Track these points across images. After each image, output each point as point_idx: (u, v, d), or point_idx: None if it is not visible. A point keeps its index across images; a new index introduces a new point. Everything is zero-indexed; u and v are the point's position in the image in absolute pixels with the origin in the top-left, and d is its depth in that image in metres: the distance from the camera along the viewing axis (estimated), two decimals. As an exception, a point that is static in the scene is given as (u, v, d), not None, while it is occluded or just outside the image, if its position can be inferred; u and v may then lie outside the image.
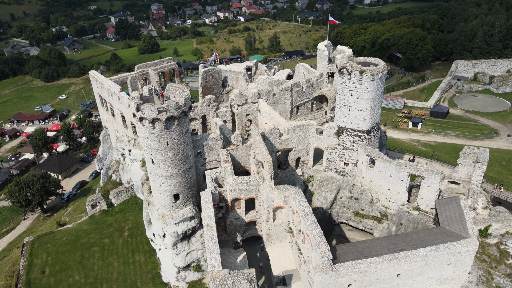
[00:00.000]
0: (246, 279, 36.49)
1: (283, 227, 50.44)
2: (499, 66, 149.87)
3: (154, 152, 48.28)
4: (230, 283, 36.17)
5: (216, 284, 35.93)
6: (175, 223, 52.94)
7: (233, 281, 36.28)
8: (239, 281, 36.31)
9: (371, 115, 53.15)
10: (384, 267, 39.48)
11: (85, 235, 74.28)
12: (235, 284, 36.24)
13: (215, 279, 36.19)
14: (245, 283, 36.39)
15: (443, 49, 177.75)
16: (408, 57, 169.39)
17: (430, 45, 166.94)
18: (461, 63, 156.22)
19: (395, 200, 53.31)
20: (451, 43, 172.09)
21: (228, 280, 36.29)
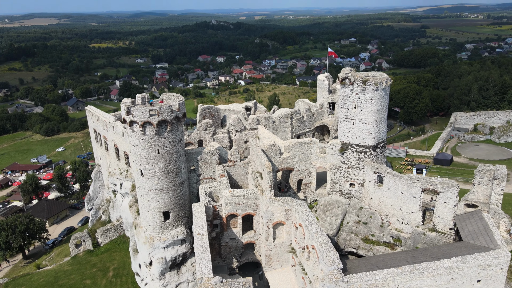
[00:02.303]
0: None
1: (284, 248, 44.64)
2: (498, 117, 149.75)
3: (144, 162, 44.35)
4: (222, 293, 30.25)
5: (205, 294, 30.01)
6: (163, 246, 47.22)
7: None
8: (233, 291, 30.40)
9: (376, 128, 50.04)
10: (403, 280, 33.53)
11: (65, 276, 67.15)
12: (228, 295, 30.30)
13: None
14: (241, 293, 30.44)
15: (440, 104, 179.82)
16: (406, 111, 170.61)
17: (427, 99, 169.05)
18: (460, 115, 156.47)
19: (409, 221, 48.02)
20: (448, 98, 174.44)
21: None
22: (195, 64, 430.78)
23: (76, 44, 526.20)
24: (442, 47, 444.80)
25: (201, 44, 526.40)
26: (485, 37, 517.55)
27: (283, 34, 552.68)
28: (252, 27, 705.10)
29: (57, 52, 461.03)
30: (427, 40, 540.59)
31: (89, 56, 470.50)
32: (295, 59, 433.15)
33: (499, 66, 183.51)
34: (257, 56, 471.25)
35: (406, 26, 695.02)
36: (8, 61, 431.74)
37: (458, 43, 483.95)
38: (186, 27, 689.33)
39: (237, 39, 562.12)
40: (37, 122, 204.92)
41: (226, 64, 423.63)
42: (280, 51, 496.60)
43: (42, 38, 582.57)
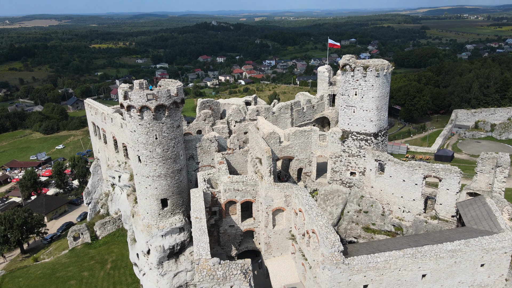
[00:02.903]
0: (240, 270, 29.86)
1: (284, 235, 43.93)
2: (499, 114, 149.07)
3: (141, 148, 43.68)
4: (220, 274, 29.50)
5: (203, 276, 29.26)
6: (161, 234, 46.49)
7: (224, 272, 29.63)
8: (231, 272, 29.66)
9: (377, 116, 49.40)
10: (406, 263, 32.82)
11: (63, 268, 66.57)
12: (226, 276, 29.55)
13: (201, 270, 29.57)
14: (239, 274, 29.70)
15: (440, 102, 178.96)
16: (407, 108, 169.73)
17: (428, 96, 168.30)
18: (460, 112, 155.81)
19: (410, 209, 47.31)
20: (448, 96, 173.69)
21: (218, 270, 29.67)
22: (195, 64, 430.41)
23: (77, 45, 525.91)
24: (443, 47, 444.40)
25: (201, 45, 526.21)
26: (485, 38, 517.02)
27: (283, 34, 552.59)
28: (252, 28, 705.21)
29: (57, 53, 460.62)
30: (427, 41, 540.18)
31: (89, 56, 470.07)
32: (295, 59, 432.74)
33: (500, 64, 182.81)
34: (257, 56, 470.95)
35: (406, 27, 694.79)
36: (8, 61, 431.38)
37: (458, 44, 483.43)
38: (187, 28, 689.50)
39: (237, 40, 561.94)
40: (37, 120, 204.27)
41: (226, 64, 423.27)
42: (280, 51, 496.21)
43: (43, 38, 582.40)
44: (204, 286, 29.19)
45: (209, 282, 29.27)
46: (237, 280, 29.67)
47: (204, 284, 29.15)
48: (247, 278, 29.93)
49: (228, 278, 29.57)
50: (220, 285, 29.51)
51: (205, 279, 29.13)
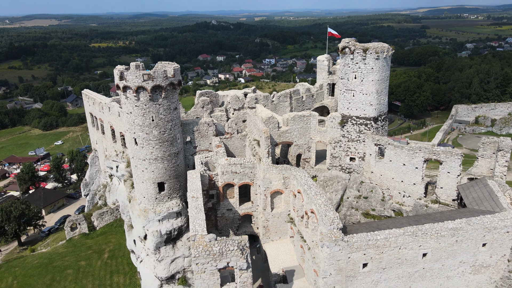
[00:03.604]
0: (237, 247, 29.21)
1: (282, 218, 43.28)
2: (500, 109, 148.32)
3: (138, 130, 43.04)
4: (217, 250, 28.86)
5: (198, 251, 28.62)
6: (158, 219, 45.80)
7: (221, 248, 28.99)
8: (228, 248, 29.02)
9: (377, 99, 48.79)
10: (406, 241, 32.17)
11: (60, 258, 66.00)
12: (223, 252, 28.90)
13: (197, 246, 28.92)
14: (236, 250, 29.06)
15: (441, 98, 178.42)
16: (407, 104, 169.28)
17: (428, 92, 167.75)
18: (461, 107, 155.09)
19: (411, 194, 46.69)
20: (449, 92, 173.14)
21: (214, 247, 29.02)
22: (195, 63, 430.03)
23: (76, 44, 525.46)
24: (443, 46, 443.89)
25: (201, 44, 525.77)
26: (485, 37, 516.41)
27: (283, 33, 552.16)
28: (252, 27, 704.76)
29: (57, 51, 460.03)
30: (427, 40, 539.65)
31: (89, 55, 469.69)
32: (295, 58, 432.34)
33: (500, 60, 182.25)
34: (257, 55, 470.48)
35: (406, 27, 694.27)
36: (8, 60, 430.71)
37: (459, 43, 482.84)
38: (186, 27, 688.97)
39: (237, 39, 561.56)
40: (36, 117, 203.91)
41: (226, 62, 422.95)
42: (280, 50, 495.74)
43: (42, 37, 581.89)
44: (200, 262, 28.56)
45: (205, 258, 28.64)
46: (234, 256, 29.07)
47: (200, 260, 28.52)
48: (244, 255, 29.31)
49: (225, 254, 28.95)
50: (217, 261, 28.90)
51: (201, 255, 28.50)
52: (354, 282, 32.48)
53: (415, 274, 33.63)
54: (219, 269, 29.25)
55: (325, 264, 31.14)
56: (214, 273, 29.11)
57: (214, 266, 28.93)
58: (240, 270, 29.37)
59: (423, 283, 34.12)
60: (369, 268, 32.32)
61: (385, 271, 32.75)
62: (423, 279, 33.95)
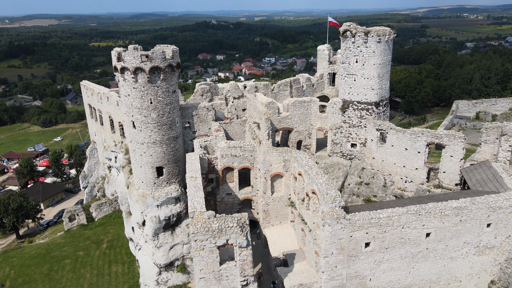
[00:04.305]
0: (237, 223, 28.55)
1: (283, 202, 42.66)
2: (501, 104, 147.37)
3: (136, 113, 42.41)
4: (216, 226, 28.20)
5: (197, 228, 27.95)
6: (157, 204, 45.15)
7: (220, 224, 28.33)
8: (227, 225, 28.36)
9: (379, 84, 48.15)
10: (409, 220, 31.51)
11: (58, 248, 65.38)
12: (222, 229, 28.24)
13: (196, 223, 28.26)
14: (235, 227, 28.40)
15: (441, 94, 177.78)
16: (407, 100, 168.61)
17: (429, 88, 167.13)
18: (461, 103, 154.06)
19: (413, 179, 46.03)
20: (449, 88, 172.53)
21: (213, 223, 28.36)
22: (195, 62, 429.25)
23: (76, 43, 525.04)
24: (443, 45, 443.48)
25: (201, 43, 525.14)
26: (485, 36, 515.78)
27: (283, 33, 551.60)
28: (252, 26, 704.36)
29: (57, 50, 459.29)
30: (427, 39, 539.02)
31: (89, 54, 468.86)
32: (295, 56, 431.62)
33: (501, 56, 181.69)
34: (257, 54, 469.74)
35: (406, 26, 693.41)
36: (7, 59, 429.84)
37: (459, 42, 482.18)
38: (186, 27, 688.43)
39: (237, 38, 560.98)
40: (35, 114, 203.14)
41: (226, 61, 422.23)
42: (280, 49, 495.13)
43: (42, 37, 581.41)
44: (198, 239, 27.92)
45: (204, 234, 27.99)
46: (233, 233, 28.43)
47: (198, 237, 27.87)
48: (243, 232, 28.66)
49: (224, 231, 28.31)
50: (216, 238, 28.26)
51: (200, 231, 27.85)
52: (356, 262, 31.85)
53: (418, 255, 32.99)
54: (218, 247, 28.65)
55: (327, 243, 30.47)
56: (213, 250, 28.49)
57: (213, 243, 28.30)
58: (239, 247, 28.75)
59: (426, 264, 33.46)
60: (372, 247, 31.70)
61: (388, 251, 32.12)
62: (426, 260, 33.29)
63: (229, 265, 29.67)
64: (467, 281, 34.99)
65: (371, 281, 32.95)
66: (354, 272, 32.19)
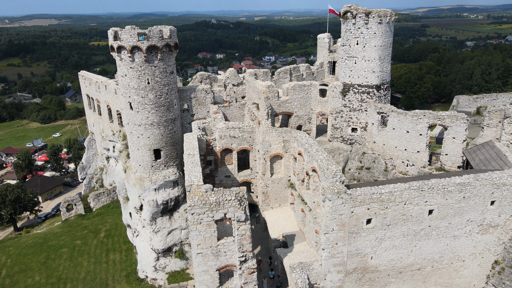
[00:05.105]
0: (235, 197, 27.85)
1: (282, 184, 42.01)
2: (501, 100, 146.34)
3: (133, 93, 41.75)
4: (213, 199, 27.50)
5: (194, 201, 27.25)
6: (154, 188, 44.57)
7: (217, 198, 27.63)
8: (225, 198, 27.66)
9: (380, 66, 47.51)
10: (411, 196, 30.83)
11: (55, 237, 64.79)
12: (220, 202, 27.54)
13: (193, 197, 27.56)
14: (233, 201, 27.71)
15: (441, 91, 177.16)
16: (408, 96, 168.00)
17: (429, 84, 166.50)
18: (462, 98, 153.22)
19: (414, 162, 45.34)
20: (450, 84, 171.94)
21: (210, 196, 27.66)
22: (195, 61, 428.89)
23: (76, 42, 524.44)
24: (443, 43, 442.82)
25: (200, 42, 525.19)
26: (486, 35, 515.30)
27: (283, 32, 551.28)
28: (252, 26, 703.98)
29: (56, 49, 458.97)
30: (427, 39, 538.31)
31: (89, 53, 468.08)
32: (295, 55, 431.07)
33: (501, 52, 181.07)
34: (257, 53, 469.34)
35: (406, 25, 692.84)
36: (7, 57, 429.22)
37: (459, 41, 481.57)
38: (186, 26, 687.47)
39: (237, 37, 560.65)
40: (34, 110, 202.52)
41: (225, 60, 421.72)
42: (280, 48, 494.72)
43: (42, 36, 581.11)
44: (195, 212, 27.21)
45: (201, 208, 27.29)
46: (231, 207, 27.73)
47: (195, 210, 27.16)
48: (242, 206, 27.97)
49: (222, 205, 27.61)
50: (213, 211, 27.55)
51: (197, 204, 27.15)
52: (357, 239, 31.18)
53: (420, 232, 32.32)
54: (215, 221, 27.92)
55: (327, 219, 29.79)
56: (210, 224, 27.80)
57: (210, 217, 27.62)
58: (238, 222, 28.08)
59: (429, 242, 32.80)
60: (373, 224, 31.03)
61: (390, 228, 31.45)
62: (429, 237, 32.63)
63: (227, 241, 29.00)
64: (470, 260, 34.31)
65: (372, 259, 32.29)
66: (355, 250, 31.56)
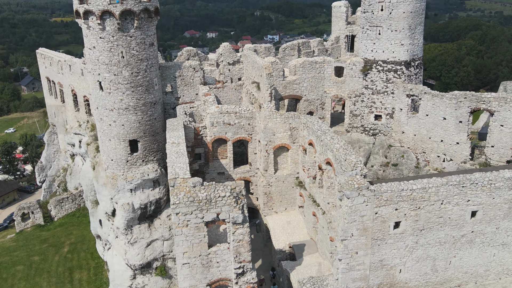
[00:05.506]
0: (230, 193, 27.51)
1: (289, 183, 41.98)
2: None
3: (103, 70, 41.45)
4: (203, 196, 27.14)
5: (179, 198, 26.89)
6: (130, 188, 44.31)
7: (208, 194, 27.25)
8: (217, 194, 27.32)
9: (410, 38, 47.29)
10: (450, 193, 30.56)
11: (7, 253, 64.81)
12: (211, 200, 27.19)
13: (178, 193, 27.19)
14: (228, 198, 27.37)
15: (484, 76, 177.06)
16: (443, 82, 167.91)
17: (470, 67, 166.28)
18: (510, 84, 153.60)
19: (453, 157, 45.03)
20: (495, 67, 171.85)
21: (200, 193, 27.31)
22: (181, 41, 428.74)
23: (34, 18, 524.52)
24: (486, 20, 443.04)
25: (188, 18, 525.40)
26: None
27: (289, 5, 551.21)
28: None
29: (10, 26, 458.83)
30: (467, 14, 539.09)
31: (50, 31, 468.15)
32: (304, 34, 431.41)
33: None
34: (257, 31, 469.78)
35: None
36: None
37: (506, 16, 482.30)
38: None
39: (232, 12, 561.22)
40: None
41: (218, 39, 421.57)
42: (285, 25, 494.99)
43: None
44: (181, 212, 26.87)
45: (188, 206, 26.96)
46: (226, 205, 27.43)
47: (181, 209, 26.83)
48: (239, 204, 27.65)
49: (214, 203, 27.29)
50: (203, 211, 27.24)
51: (183, 202, 26.78)
52: (383, 247, 30.93)
53: (461, 240, 32.08)
54: (206, 223, 27.59)
55: (345, 222, 29.45)
56: (199, 227, 27.50)
57: (199, 218, 27.32)
58: (234, 224, 27.73)
59: (471, 252, 32.55)
60: (402, 228, 30.83)
61: (423, 233, 31.25)
62: (471, 246, 32.38)
63: (221, 248, 28.66)
64: (524, 275, 34.03)
65: (401, 272, 32.03)
66: (380, 261, 31.33)
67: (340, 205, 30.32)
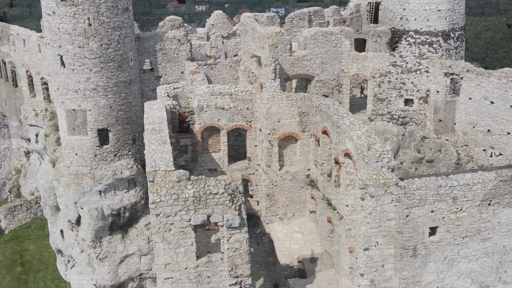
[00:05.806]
0: (224, 190, 27.48)
1: (297, 182, 42.58)
2: None
3: (66, 41, 41.70)
4: (190, 193, 27.11)
5: (160, 196, 26.86)
6: (99, 189, 44.78)
7: (197, 191, 27.24)
8: (209, 191, 27.31)
9: (449, 2, 47.60)
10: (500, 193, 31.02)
11: None
12: (200, 198, 27.20)
13: (159, 189, 27.16)
14: (222, 195, 27.40)
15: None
16: (489, 64, 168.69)
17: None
18: None
19: (502, 150, 45.37)
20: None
21: (186, 189, 27.28)
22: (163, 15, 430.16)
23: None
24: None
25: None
26: None
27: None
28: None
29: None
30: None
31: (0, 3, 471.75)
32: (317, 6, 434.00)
33: None
34: (257, 3, 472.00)
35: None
36: None
37: None
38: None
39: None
40: None
41: (209, 14, 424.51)
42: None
43: None
44: (162, 212, 26.85)
45: (171, 206, 26.94)
46: (219, 205, 27.41)
47: (162, 209, 26.82)
48: (235, 204, 27.63)
49: (204, 201, 27.25)
50: (190, 212, 27.25)
51: (165, 200, 26.74)
52: (416, 259, 31.24)
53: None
54: (194, 227, 27.58)
55: (368, 226, 29.57)
56: (186, 232, 27.49)
57: (186, 220, 27.32)
58: (229, 228, 27.70)
59: (526, 266, 32.66)
60: (440, 236, 31.21)
61: (466, 242, 31.55)
62: (527, 258, 32.51)
63: (212, 259, 28.69)
64: None
65: (438, 291, 32.17)
66: (412, 276, 31.65)
67: (362, 206, 30.45)
